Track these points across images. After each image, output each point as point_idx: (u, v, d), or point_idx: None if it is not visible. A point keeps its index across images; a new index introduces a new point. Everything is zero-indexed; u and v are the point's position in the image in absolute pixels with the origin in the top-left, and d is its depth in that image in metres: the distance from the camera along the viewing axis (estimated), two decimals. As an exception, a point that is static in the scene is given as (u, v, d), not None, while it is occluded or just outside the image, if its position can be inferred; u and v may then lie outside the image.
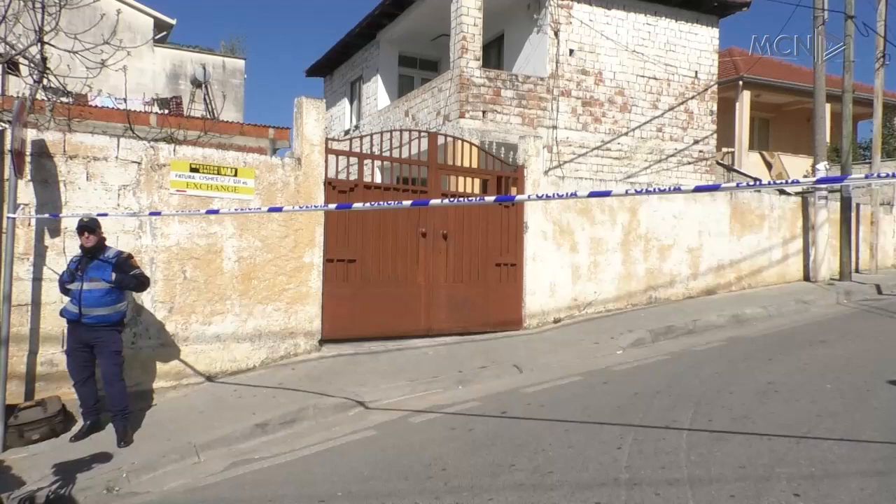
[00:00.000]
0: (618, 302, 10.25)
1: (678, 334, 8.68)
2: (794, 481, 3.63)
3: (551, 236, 9.44)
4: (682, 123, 14.48)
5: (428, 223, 8.30)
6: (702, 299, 11.15)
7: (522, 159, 9.28)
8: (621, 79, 13.76)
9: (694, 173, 14.60)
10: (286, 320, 7.08)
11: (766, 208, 12.73)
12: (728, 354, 7.47)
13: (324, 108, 7.60)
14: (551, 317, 9.40)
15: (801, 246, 13.40)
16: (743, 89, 20.80)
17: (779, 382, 5.96)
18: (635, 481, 3.70)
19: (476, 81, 12.40)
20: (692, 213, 11.27)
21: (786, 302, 10.76)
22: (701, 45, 14.62)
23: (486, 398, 5.90)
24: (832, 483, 3.60)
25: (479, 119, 12.38)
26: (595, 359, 7.37)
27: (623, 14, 13.73)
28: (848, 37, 13.71)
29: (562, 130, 13.14)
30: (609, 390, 6.01)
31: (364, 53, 17.21)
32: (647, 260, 10.68)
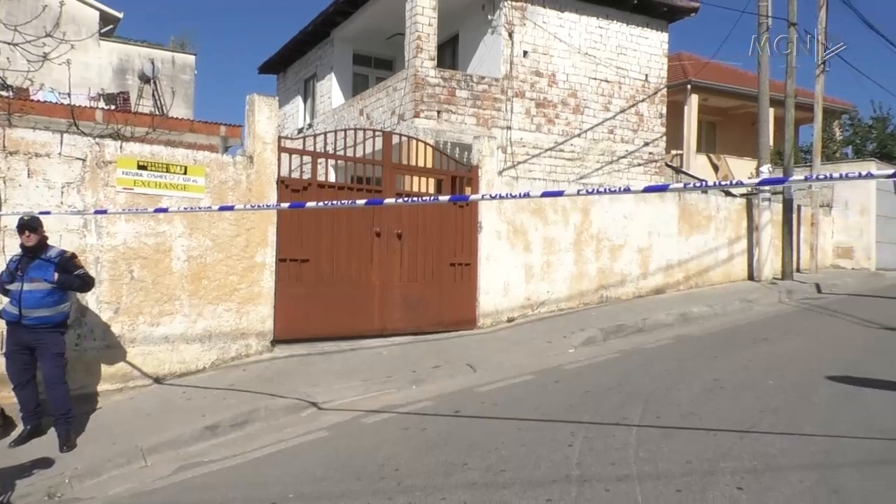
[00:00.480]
0: (570, 301, 10.39)
1: (628, 333, 8.84)
2: (738, 475, 3.74)
3: (505, 236, 9.52)
4: (633, 126, 14.75)
5: (382, 223, 8.27)
6: (651, 298, 11.39)
7: (477, 159, 9.33)
8: (574, 81, 13.95)
9: (644, 175, 14.89)
10: (238, 321, 6.97)
11: (713, 209, 13.08)
12: (676, 352, 7.65)
13: (276, 106, 7.51)
14: (505, 316, 9.48)
15: (745, 246, 13.80)
16: (691, 93, 21.30)
17: (724, 379, 6.13)
18: (586, 478, 3.76)
19: (431, 81, 12.42)
20: (642, 213, 11.50)
21: (731, 301, 11.08)
22: (651, 49, 14.92)
23: (439, 398, 5.91)
24: (773, 476, 3.72)
25: (434, 119, 12.40)
26: (548, 357, 7.45)
27: (576, 17, 13.92)
28: (791, 43, 14.17)
29: (516, 131, 13.24)
30: (561, 389, 6.09)
31: (318, 51, 17.05)
32: (599, 260, 10.85)
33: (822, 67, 15.57)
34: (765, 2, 13.60)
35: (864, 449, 4.16)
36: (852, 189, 17.46)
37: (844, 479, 3.65)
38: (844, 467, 3.85)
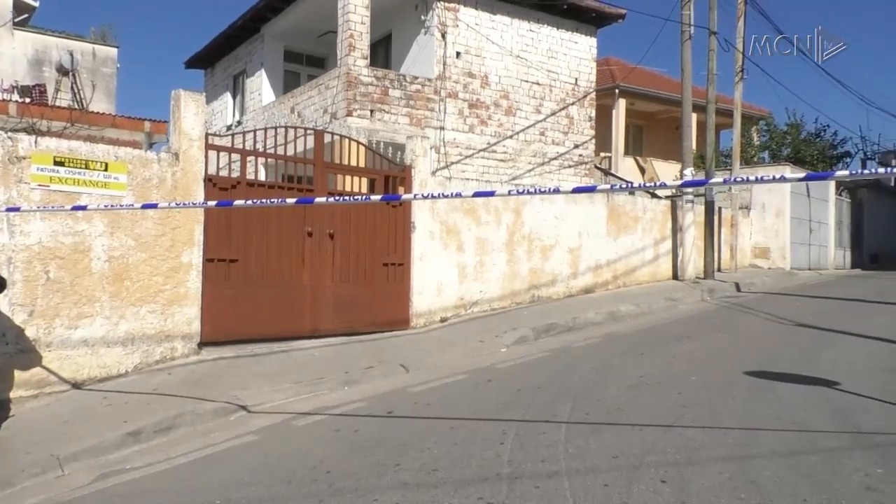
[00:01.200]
0: (503, 301, 10.51)
1: (559, 331, 9.01)
2: (662, 468, 3.86)
3: (438, 236, 9.54)
4: (564, 128, 15.05)
5: (314, 222, 8.16)
6: (581, 297, 11.64)
7: (410, 159, 9.32)
8: (506, 83, 14.12)
9: (574, 176, 15.21)
10: (162, 323, 6.74)
11: (640, 211, 13.47)
12: (604, 350, 7.85)
13: (204, 102, 7.31)
14: (438, 316, 9.50)
15: (670, 247, 14.28)
16: (619, 97, 21.91)
17: (649, 376, 6.32)
18: (516, 475, 3.81)
19: (364, 80, 12.34)
20: (573, 214, 11.74)
21: (656, 300, 11.44)
22: (580, 53, 15.26)
23: (372, 398, 5.88)
24: (695, 469, 3.86)
25: (367, 118, 12.32)
26: (480, 357, 7.51)
27: (508, 20, 14.09)
28: (711, 51, 14.75)
29: (449, 132, 13.31)
30: (493, 387, 6.15)
31: (248, 47, 16.68)
32: (531, 260, 11.01)
33: (741, 75, 16.27)
34: (687, 11, 14.11)
35: (779, 440, 4.36)
36: (769, 192, 18.31)
37: (760, 470, 3.82)
38: (760, 458, 4.03)
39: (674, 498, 3.44)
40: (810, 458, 4.01)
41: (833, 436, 4.41)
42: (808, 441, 4.32)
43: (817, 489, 3.52)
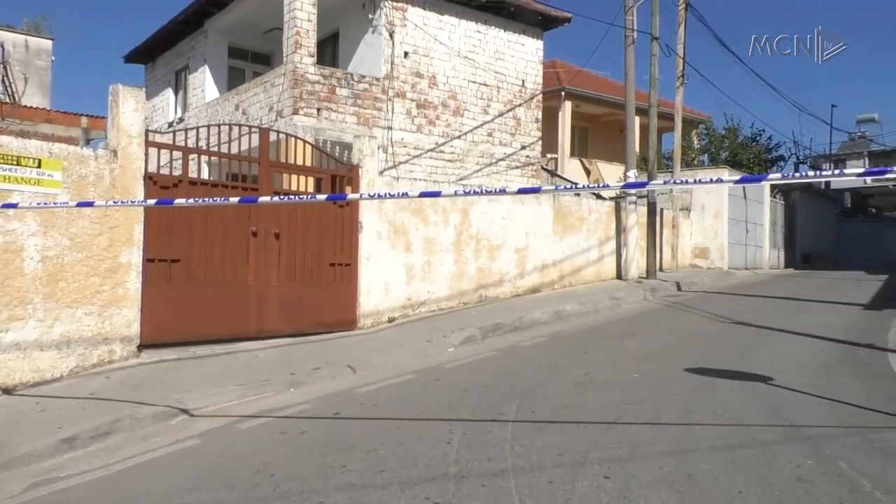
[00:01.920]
0: (450, 300, 10.54)
1: (506, 331, 9.09)
2: (605, 464, 3.93)
3: (386, 236, 9.51)
4: (511, 129, 15.19)
5: (259, 222, 8.03)
6: (528, 297, 11.77)
7: (357, 159, 9.26)
8: (454, 83, 14.17)
9: (521, 177, 15.37)
10: (100, 325, 6.53)
11: (585, 212, 13.70)
12: (550, 349, 7.96)
13: (143, 98, 7.11)
14: (386, 316, 9.47)
15: (614, 247, 14.57)
16: (565, 99, 22.23)
17: (594, 374, 6.44)
18: (463, 474, 3.83)
19: (310, 78, 12.20)
20: (520, 215, 11.86)
21: (601, 299, 11.66)
22: (527, 55, 15.42)
23: (318, 400, 5.82)
24: (637, 464, 3.95)
25: (314, 117, 12.19)
26: (428, 357, 7.52)
27: (456, 20, 14.14)
28: (653, 56, 15.11)
29: (397, 131, 13.27)
30: (441, 387, 6.16)
31: (190, 42, 16.29)
32: (478, 260, 11.08)
33: (682, 80, 16.71)
34: (631, 16, 14.42)
35: (716, 434, 4.50)
36: (708, 194, 18.86)
37: (699, 463, 3.94)
38: (698, 452, 4.15)
39: (616, 493, 3.52)
40: (746, 452, 4.16)
41: (767, 429, 4.57)
42: (744, 435, 4.47)
43: (752, 481, 3.65)
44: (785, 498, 3.42)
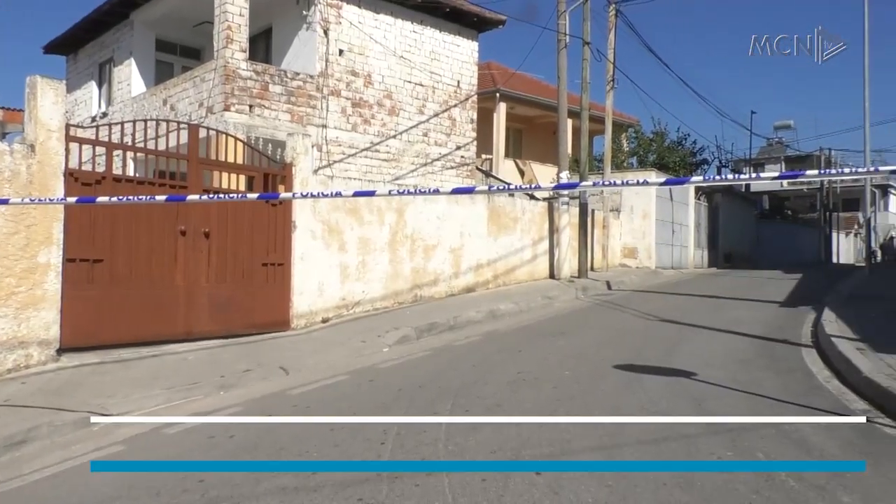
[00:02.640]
0: (385, 300, 10.51)
1: (441, 330, 9.13)
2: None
3: (320, 236, 9.41)
4: (446, 129, 15.26)
5: (188, 220, 7.82)
6: (463, 297, 11.85)
7: (291, 157, 9.13)
8: (390, 83, 14.13)
9: (457, 177, 15.46)
10: (15, 328, 6.22)
11: (519, 212, 13.89)
12: (484, 348, 8.03)
13: (64, 90, 6.82)
14: (320, 317, 9.37)
15: (547, 247, 14.83)
16: (500, 101, 22.48)
17: (527, 372, 6.54)
18: (397, 475, 3.83)
19: (242, 74, 11.95)
20: (455, 215, 11.92)
21: (534, 298, 11.84)
22: (463, 56, 15.53)
23: (249, 402, 5.70)
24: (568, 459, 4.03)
25: (246, 113, 11.95)
26: (362, 357, 7.48)
27: (391, 20, 14.11)
28: (585, 60, 15.46)
29: (332, 130, 13.15)
30: (375, 387, 6.14)
31: (115, 33, 15.69)
32: (413, 259, 11.09)
33: (612, 84, 17.15)
34: (563, 21, 14.71)
35: (643, 429, 4.64)
36: (637, 196, 19.41)
37: (626, 456, 4.05)
38: (627, 446, 4.27)
39: (547, 488, 3.58)
40: (671, 445, 4.30)
41: (691, 423, 4.74)
42: (669, 428, 4.62)
43: (676, 473, 3.78)
44: (707, 488, 3.56)
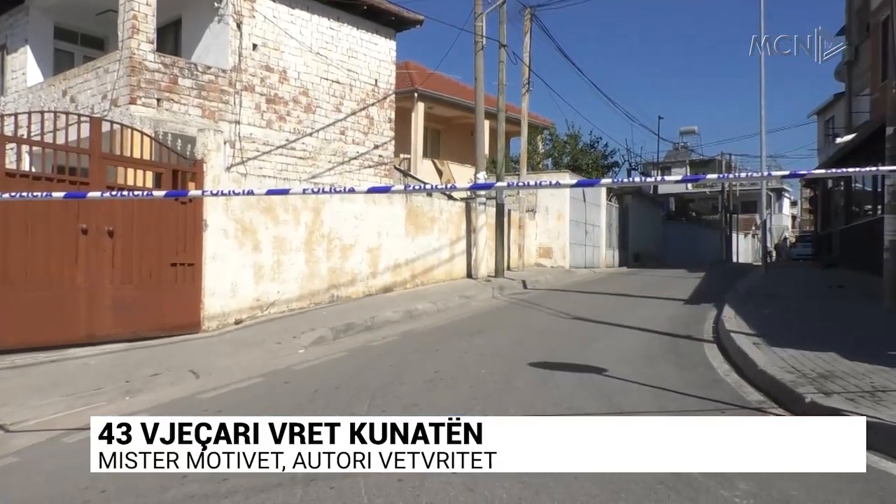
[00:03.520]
0: (301, 301, 10.34)
1: (358, 331, 9.06)
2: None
3: (233, 235, 9.16)
4: (364, 128, 15.16)
5: (90, 218, 7.45)
6: (380, 297, 11.81)
7: (202, 153, 8.84)
8: (306, 79, 13.91)
9: (375, 176, 15.38)
10: None
11: (437, 212, 13.96)
12: (402, 348, 8.03)
13: (-50, 78, 6.35)
14: (233, 318, 9.13)
15: (465, 247, 14.97)
16: (418, 101, 22.54)
17: (443, 371, 6.58)
18: (311, 478, 3.77)
19: (149, 66, 11.47)
20: (372, 214, 11.86)
21: (452, 297, 11.93)
22: (380, 55, 15.47)
23: (157, 408, 5.49)
24: (483, 456, 4.08)
25: (154, 107, 11.48)
26: (277, 359, 7.33)
27: (307, 15, 13.89)
28: (501, 63, 15.71)
29: (245, 126, 12.81)
30: (290, 389, 6.03)
31: (9, 19, 14.73)
32: (330, 259, 10.96)
33: (527, 87, 17.51)
34: (480, 23, 14.89)
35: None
36: (552, 197, 19.88)
37: (540, 453, 4.14)
38: (540, 442, 4.36)
39: (463, 486, 3.62)
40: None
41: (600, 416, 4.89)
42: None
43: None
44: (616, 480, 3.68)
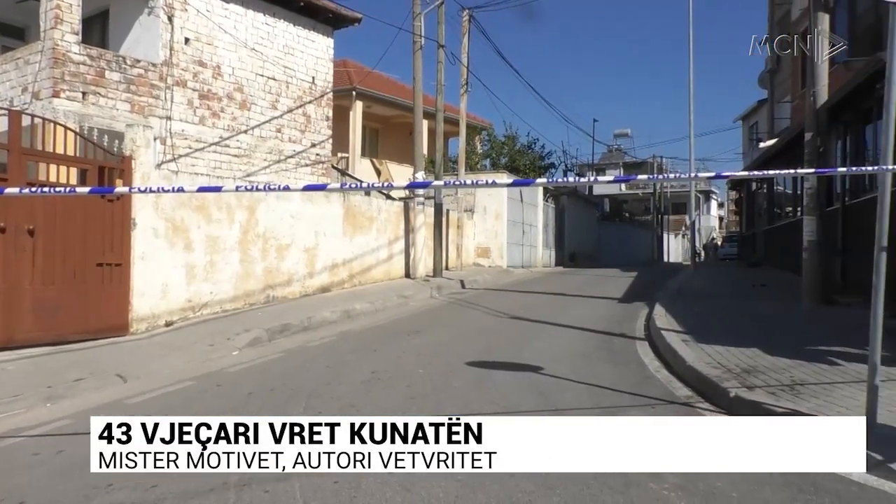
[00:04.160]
0: (235, 302, 10.13)
1: (294, 331, 8.93)
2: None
3: (164, 234, 8.89)
4: (301, 126, 14.94)
5: (8, 217, 7.10)
6: (318, 297, 11.67)
7: (130, 149, 8.55)
8: (241, 75, 13.62)
9: (312, 175, 15.18)
10: None
11: (375, 211, 13.89)
12: (339, 348, 7.96)
13: None
14: (163, 320, 8.86)
15: (403, 246, 14.95)
16: (356, 99, 22.37)
17: (381, 371, 6.55)
18: (244, 482, 3.69)
19: (74, 58, 11.01)
20: (309, 213, 11.70)
21: (390, 297, 11.89)
22: (318, 52, 15.28)
23: (81, 414, 5.27)
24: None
25: (79, 101, 11.03)
26: (210, 361, 7.16)
27: (242, 10, 13.60)
28: (440, 63, 15.76)
29: (177, 122, 12.45)
30: (223, 392, 5.89)
31: (-80, 4, 13.90)
32: (266, 259, 10.76)
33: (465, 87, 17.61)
34: (419, 22, 14.90)
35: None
36: (490, 197, 20.05)
37: (477, 451, 4.16)
38: (477, 440, 4.39)
39: (399, 487, 3.61)
40: (518, 437, 4.47)
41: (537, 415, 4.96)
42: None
43: (523, 464, 3.93)
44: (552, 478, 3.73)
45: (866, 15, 13.04)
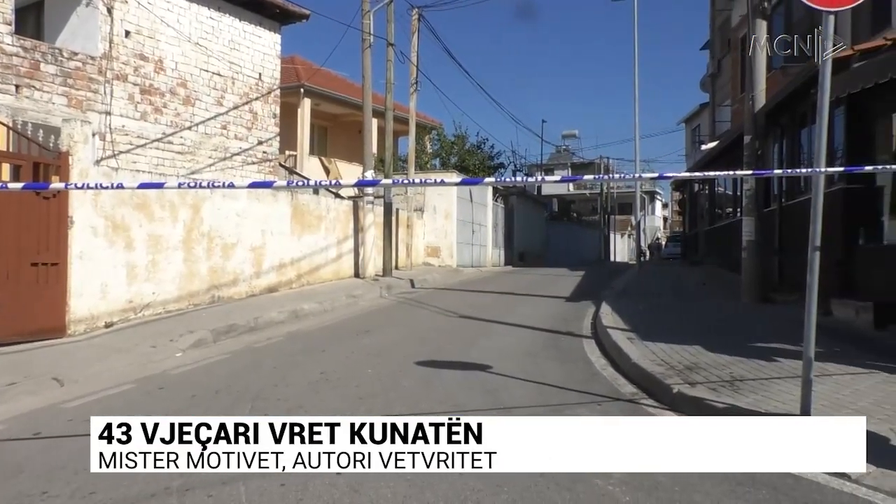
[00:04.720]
0: (179, 302, 9.89)
1: (240, 332, 8.77)
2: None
3: (103, 233, 8.62)
4: (247, 123, 14.67)
5: (-65, 214, 6.77)
6: (265, 297, 11.49)
7: (67, 145, 8.25)
8: (184, 70, 13.28)
9: (259, 173, 14.92)
10: None
11: (324, 210, 13.75)
12: (287, 349, 7.85)
13: None
14: (103, 321, 8.59)
15: (352, 246, 14.85)
16: (304, 97, 22.10)
17: (329, 371, 6.49)
18: (188, 486, 3.60)
19: (7, 49, 10.57)
20: (256, 212, 11.50)
21: (339, 297, 11.80)
22: (264, 48, 15.02)
23: (14, 419, 5.07)
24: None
25: (12, 94, 10.58)
26: (152, 364, 6.97)
27: (185, 3, 13.27)
28: (389, 61, 15.70)
29: (117, 118, 12.07)
30: (165, 395, 5.75)
31: None
32: (211, 259, 10.54)
33: (415, 86, 17.59)
34: (367, 20, 14.81)
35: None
36: (440, 196, 20.08)
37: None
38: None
39: (347, 488, 3.58)
40: (467, 436, 4.49)
41: (484, 412, 4.99)
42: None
43: (471, 462, 3.95)
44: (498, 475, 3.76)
45: (801, 23, 13.54)
